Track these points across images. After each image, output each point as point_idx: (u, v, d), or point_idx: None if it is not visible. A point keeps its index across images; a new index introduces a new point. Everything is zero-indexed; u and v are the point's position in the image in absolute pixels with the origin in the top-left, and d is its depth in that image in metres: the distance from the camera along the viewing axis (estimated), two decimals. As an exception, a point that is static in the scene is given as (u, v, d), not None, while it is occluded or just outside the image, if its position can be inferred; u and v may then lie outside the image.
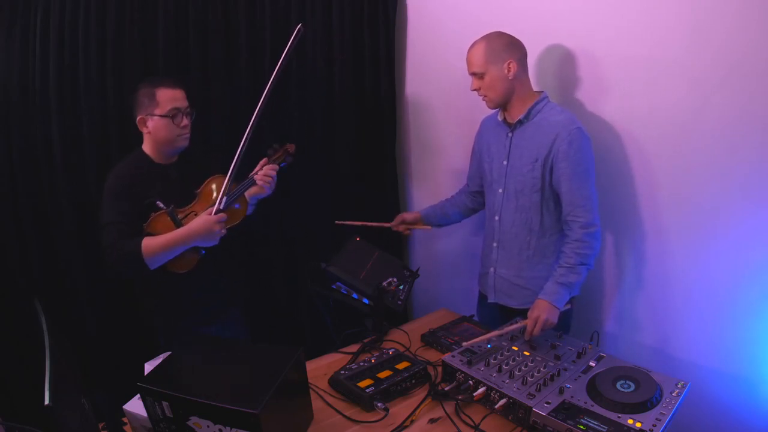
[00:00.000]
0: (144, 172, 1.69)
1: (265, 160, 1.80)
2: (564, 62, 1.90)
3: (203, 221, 1.61)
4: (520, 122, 1.75)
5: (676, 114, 1.64)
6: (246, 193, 1.76)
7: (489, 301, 1.95)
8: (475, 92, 1.76)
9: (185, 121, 1.70)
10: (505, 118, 1.81)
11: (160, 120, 1.65)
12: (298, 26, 1.62)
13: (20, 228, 1.99)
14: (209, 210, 1.65)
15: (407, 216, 2.12)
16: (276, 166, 1.78)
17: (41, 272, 2.03)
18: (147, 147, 1.74)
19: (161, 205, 1.64)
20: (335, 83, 2.47)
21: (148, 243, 1.57)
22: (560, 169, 1.66)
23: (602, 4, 1.76)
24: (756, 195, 1.50)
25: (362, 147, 2.61)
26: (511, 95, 1.72)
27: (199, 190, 1.75)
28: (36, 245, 2.01)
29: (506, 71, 1.67)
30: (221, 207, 1.65)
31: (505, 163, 1.81)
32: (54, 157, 1.98)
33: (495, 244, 1.90)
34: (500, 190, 1.84)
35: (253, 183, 1.75)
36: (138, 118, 1.68)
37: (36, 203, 2.00)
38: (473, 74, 1.73)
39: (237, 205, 1.75)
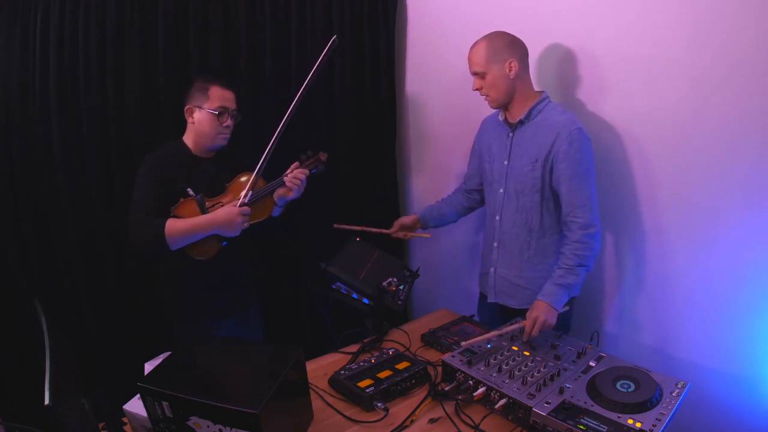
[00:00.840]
0: (180, 160, 1.76)
1: (296, 163, 1.85)
2: (564, 62, 1.90)
3: (227, 211, 1.67)
4: (521, 122, 1.75)
5: (676, 114, 1.64)
6: (275, 195, 1.82)
7: (489, 301, 1.95)
8: (477, 92, 1.76)
9: (229, 122, 1.77)
10: (506, 118, 1.81)
11: (207, 114, 1.73)
12: (333, 38, 1.69)
13: (20, 228, 1.99)
14: (234, 202, 1.71)
15: (405, 220, 2.11)
16: (307, 171, 1.84)
17: (41, 272, 2.03)
18: (188, 138, 1.81)
19: (191, 192, 1.70)
20: (335, 83, 2.47)
21: (173, 224, 1.64)
22: (560, 169, 1.66)
23: (602, 4, 1.76)
24: (756, 195, 1.50)
25: (362, 147, 2.61)
26: (513, 95, 1.72)
27: (228, 184, 1.81)
28: (36, 245, 2.01)
29: (508, 70, 1.67)
30: (246, 201, 1.71)
31: (505, 163, 1.81)
32: (54, 157, 1.98)
33: (495, 244, 1.90)
34: (501, 190, 1.84)
35: (282, 184, 1.80)
36: (186, 107, 1.75)
37: (36, 203, 2.00)
38: (475, 74, 1.73)
39: (264, 204, 1.81)
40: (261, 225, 1.82)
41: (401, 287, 1.91)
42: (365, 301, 1.85)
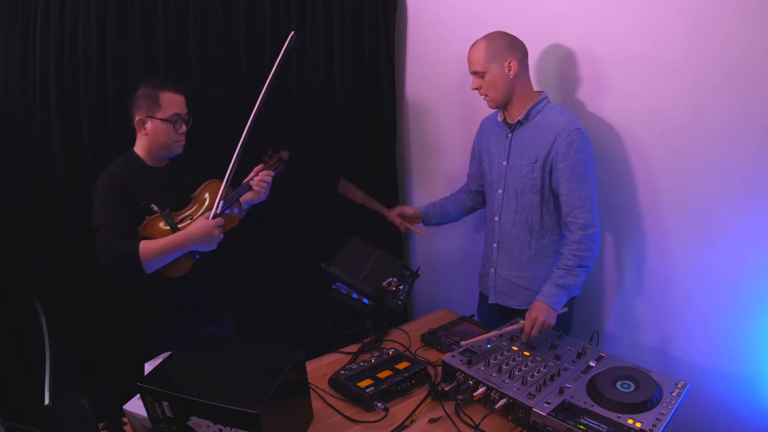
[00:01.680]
0: (137, 174, 1.66)
1: (261, 166, 1.81)
2: (564, 62, 1.90)
3: (202, 225, 1.59)
4: (520, 123, 1.75)
5: (676, 114, 1.64)
6: (241, 198, 1.76)
7: (490, 301, 1.95)
8: (476, 92, 1.76)
9: (184, 128, 1.69)
10: (504, 119, 1.81)
11: (161, 124, 1.63)
12: (291, 34, 1.61)
13: (20, 228, 1.99)
14: (207, 214, 1.63)
15: (407, 210, 2.11)
16: (272, 172, 1.79)
17: (41, 272, 2.03)
18: (140, 149, 1.70)
19: (156, 209, 1.63)
20: (335, 83, 2.47)
21: (146, 246, 1.53)
22: (559, 170, 1.66)
23: (602, 4, 1.76)
24: (756, 195, 1.50)
25: (362, 147, 2.61)
26: (512, 95, 1.72)
27: (195, 194, 1.73)
28: (36, 245, 2.01)
29: (507, 70, 1.67)
30: (218, 211, 1.63)
31: (504, 163, 1.81)
32: (54, 158, 1.98)
33: (495, 245, 1.90)
34: (500, 191, 1.84)
35: (249, 188, 1.76)
36: (137, 118, 1.65)
37: (36, 203, 2.00)
38: (474, 73, 1.73)
39: (235, 210, 1.75)
40: (232, 231, 1.75)
41: (401, 287, 1.91)
42: (365, 301, 1.85)
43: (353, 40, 2.47)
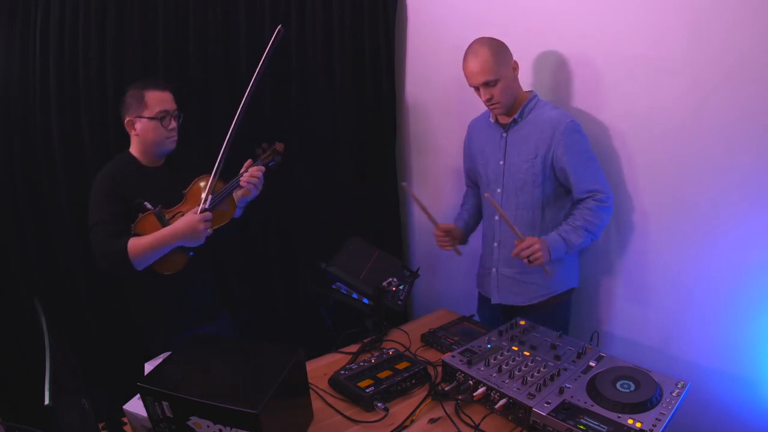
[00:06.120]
0: (131, 173, 1.69)
1: (249, 161, 1.79)
2: (564, 62, 1.90)
3: (188, 220, 1.61)
4: (515, 121, 1.76)
5: (676, 114, 1.64)
6: (234, 195, 1.76)
7: (493, 302, 1.95)
8: (475, 93, 1.76)
9: (173, 124, 1.70)
10: (497, 119, 1.81)
11: (149, 122, 1.65)
12: (278, 28, 1.62)
13: (20, 228, 1.99)
14: (195, 209, 1.65)
15: (455, 231, 1.97)
16: (262, 168, 1.77)
17: (41, 272, 2.03)
18: (134, 149, 1.73)
19: (149, 206, 1.64)
20: (335, 83, 2.47)
21: (135, 243, 1.57)
22: (565, 162, 1.68)
23: (602, 4, 1.76)
24: (756, 195, 1.50)
25: (362, 147, 2.61)
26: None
27: (186, 191, 1.75)
28: (36, 245, 2.01)
29: (513, 71, 1.70)
30: (206, 206, 1.64)
31: (501, 163, 1.82)
32: (54, 158, 1.98)
33: (496, 244, 1.89)
34: (498, 191, 1.84)
35: (239, 185, 1.74)
36: (126, 120, 1.68)
37: (36, 204, 2.00)
38: (484, 84, 1.68)
39: (225, 206, 1.75)
40: (226, 228, 1.76)
41: (401, 287, 1.91)
42: (365, 301, 1.85)
43: (353, 40, 2.47)
